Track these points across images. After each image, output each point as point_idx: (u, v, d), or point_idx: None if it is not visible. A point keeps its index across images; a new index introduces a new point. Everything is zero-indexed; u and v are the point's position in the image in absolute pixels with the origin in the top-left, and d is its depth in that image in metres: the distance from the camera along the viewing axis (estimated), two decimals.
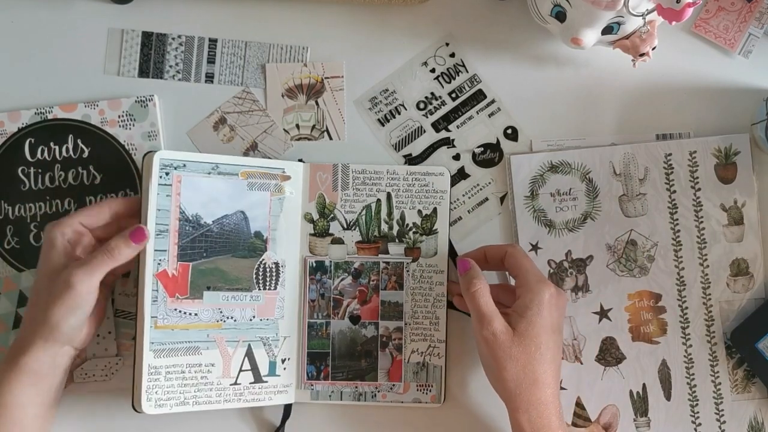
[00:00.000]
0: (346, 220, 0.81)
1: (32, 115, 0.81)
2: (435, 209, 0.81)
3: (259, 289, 0.78)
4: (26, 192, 0.81)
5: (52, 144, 0.81)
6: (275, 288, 0.79)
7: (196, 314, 0.76)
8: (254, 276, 0.78)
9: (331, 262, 0.80)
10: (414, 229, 0.81)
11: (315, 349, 0.80)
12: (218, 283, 0.77)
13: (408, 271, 0.81)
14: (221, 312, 0.77)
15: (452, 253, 0.81)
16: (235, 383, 0.77)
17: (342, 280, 0.80)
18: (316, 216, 0.80)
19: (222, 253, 0.77)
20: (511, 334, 0.71)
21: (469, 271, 0.74)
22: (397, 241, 0.81)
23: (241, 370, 0.78)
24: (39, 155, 0.81)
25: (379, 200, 0.81)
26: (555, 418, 0.71)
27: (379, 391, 0.80)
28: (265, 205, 0.78)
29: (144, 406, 0.73)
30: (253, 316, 0.78)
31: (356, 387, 0.80)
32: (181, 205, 0.75)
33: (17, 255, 0.81)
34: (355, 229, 0.80)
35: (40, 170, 0.81)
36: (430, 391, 0.80)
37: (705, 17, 0.83)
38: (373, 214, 0.81)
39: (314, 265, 0.80)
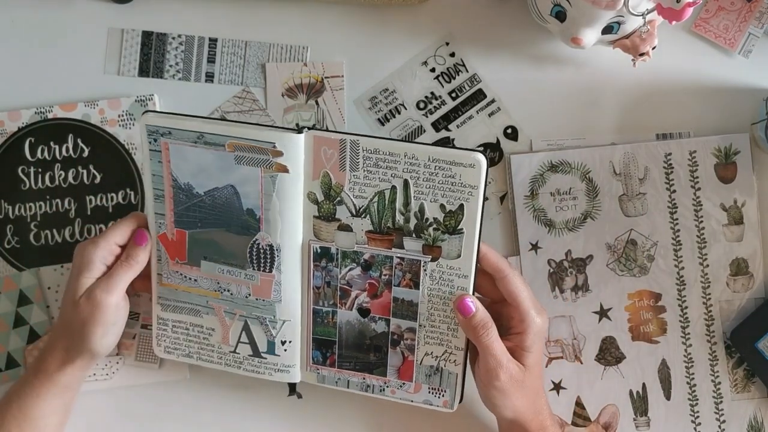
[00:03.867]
0: (355, 205, 0.71)
1: (32, 115, 0.81)
2: (461, 206, 0.69)
3: (254, 269, 0.73)
4: (26, 191, 0.81)
5: (52, 143, 0.81)
6: (270, 271, 0.73)
7: (195, 280, 0.75)
8: (248, 255, 0.73)
9: (338, 249, 0.72)
10: (435, 225, 0.70)
11: (321, 335, 0.74)
12: (214, 255, 0.74)
13: (425, 270, 0.71)
14: (218, 284, 0.74)
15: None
16: (234, 351, 0.76)
17: (350, 270, 0.72)
18: (320, 197, 0.71)
19: (216, 225, 0.73)
20: (523, 370, 0.70)
21: (475, 315, 0.70)
22: (414, 236, 0.70)
23: (239, 342, 0.76)
24: (39, 155, 0.81)
25: (394, 187, 0.69)
26: (551, 420, 0.74)
27: (387, 386, 0.75)
28: (256, 182, 0.70)
29: (156, 349, 0.78)
30: (249, 294, 0.74)
31: (364, 378, 0.75)
32: (173, 173, 0.72)
33: (17, 254, 0.81)
34: (365, 217, 0.71)
35: (40, 170, 0.81)
36: (443, 395, 0.74)
37: (705, 17, 0.83)
38: (386, 202, 0.70)
39: (318, 251, 0.72)
